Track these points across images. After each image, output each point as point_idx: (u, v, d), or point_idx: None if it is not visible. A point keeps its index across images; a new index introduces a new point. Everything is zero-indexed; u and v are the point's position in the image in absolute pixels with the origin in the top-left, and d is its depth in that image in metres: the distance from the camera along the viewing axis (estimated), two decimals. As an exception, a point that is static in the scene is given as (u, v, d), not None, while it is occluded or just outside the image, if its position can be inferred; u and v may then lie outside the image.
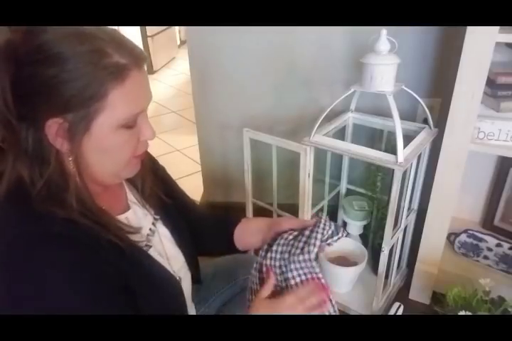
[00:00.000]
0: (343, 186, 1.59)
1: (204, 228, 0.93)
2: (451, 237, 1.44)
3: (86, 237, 0.60)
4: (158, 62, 4.45)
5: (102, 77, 0.56)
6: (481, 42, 0.98)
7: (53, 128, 0.58)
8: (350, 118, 1.40)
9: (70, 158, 0.61)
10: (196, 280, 0.92)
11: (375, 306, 1.34)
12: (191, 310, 0.94)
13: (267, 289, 0.75)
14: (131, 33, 3.95)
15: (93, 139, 0.60)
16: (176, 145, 2.82)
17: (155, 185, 0.80)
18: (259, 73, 1.60)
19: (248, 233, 0.89)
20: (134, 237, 0.69)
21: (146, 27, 4.09)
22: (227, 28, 1.51)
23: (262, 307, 0.72)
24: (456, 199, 1.21)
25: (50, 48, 0.55)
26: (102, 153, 0.63)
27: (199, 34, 1.57)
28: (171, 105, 3.59)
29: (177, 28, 5.02)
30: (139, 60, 0.60)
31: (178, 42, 5.16)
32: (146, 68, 0.64)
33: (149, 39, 4.19)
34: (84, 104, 0.57)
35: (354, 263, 1.40)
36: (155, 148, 0.88)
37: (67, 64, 0.55)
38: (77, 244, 0.59)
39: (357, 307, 1.39)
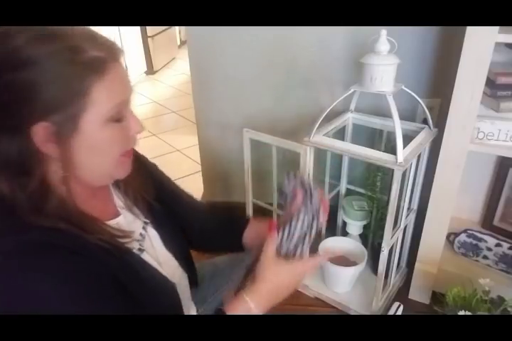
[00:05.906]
0: (343, 186, 1.59)
1: (210, 226, 0.92)
2: (451, 237, 1.44)
3: (74, 245, 0.59)
4: (158, 62, 4.45)
5: (80, 73, 0.56)
6: (480, 43, 0.98)
7: (40, 134, 0.56)
8: (350, 118, 1.40)
9: (60, 163, 0.60)
10: (193, 282, 0.92)
11: (375, 306, 1.34)
12: (192, 311, 0.94)
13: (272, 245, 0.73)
14: (132, 33, 3.95)
15: (83, 138, 0.59)
16: (176, 145, 2.82)
17: (144, 187, 0.78)
18: (259, 73, 1.60)
19: (258, 235, 0.86)
20: (126, 242, 0.69)
21: (146, 27, 4.08)
22: (227, 28, 1.51)
23: (277, 265, 0.72)
24: (456, 199, 1.21)
25: (21, 52, 0.53)
26: (91, 151, 0.61)
27: (199, 34, 1.57)
28: (171, 105, 3.59)
29: (177, 28, 5.02)
30: (114, 53, 0.60)
31: (178, 43, 5.16)
32: (123, 61, 0.63)
33: (149, 39, 4.19)
34: (68, 102, 0.56)
35: (354, 263, 1.40)
36: (155, 148, 0.89)
37: (42, 65, 0.54)
38: (65, 251, 0.58)
39: (357, 307, 1.39)
